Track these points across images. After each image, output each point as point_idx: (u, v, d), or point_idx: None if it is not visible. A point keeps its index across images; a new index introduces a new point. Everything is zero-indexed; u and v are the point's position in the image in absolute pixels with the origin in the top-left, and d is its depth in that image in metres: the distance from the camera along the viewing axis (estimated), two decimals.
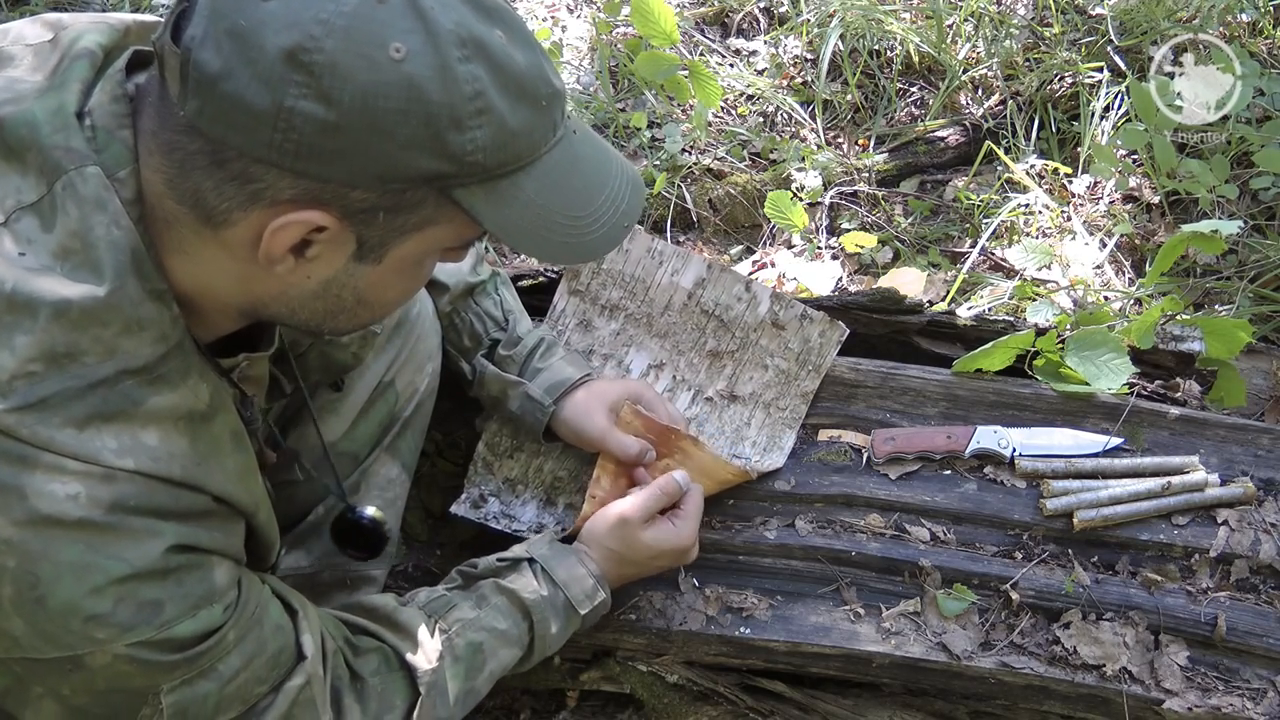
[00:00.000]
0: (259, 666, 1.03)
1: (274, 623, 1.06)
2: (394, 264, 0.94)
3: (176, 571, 0.93)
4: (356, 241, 0.90)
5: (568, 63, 2.70)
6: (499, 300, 1.53)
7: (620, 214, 0.97)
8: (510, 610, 1.27)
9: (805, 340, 1.62)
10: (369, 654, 1.18)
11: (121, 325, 0.89)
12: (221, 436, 0.98)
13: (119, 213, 0.88)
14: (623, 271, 1.66)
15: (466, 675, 1.22)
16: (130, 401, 0.89)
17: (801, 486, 1.55)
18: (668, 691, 1.52)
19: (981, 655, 1.42)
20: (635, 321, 1.65)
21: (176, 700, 0.97)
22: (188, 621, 0.94)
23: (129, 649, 0.91)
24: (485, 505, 1.54)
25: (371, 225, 0.88)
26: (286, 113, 0.81)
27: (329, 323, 0.99)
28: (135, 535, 0.90)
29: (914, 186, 2.47)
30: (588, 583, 1.32)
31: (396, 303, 1.03)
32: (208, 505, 0.96)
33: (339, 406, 1.40)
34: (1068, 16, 2.61)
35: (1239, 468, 1.56)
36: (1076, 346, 1.63)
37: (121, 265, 0.88)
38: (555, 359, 1.50)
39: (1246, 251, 2.14)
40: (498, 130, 0.86)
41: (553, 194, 0.92)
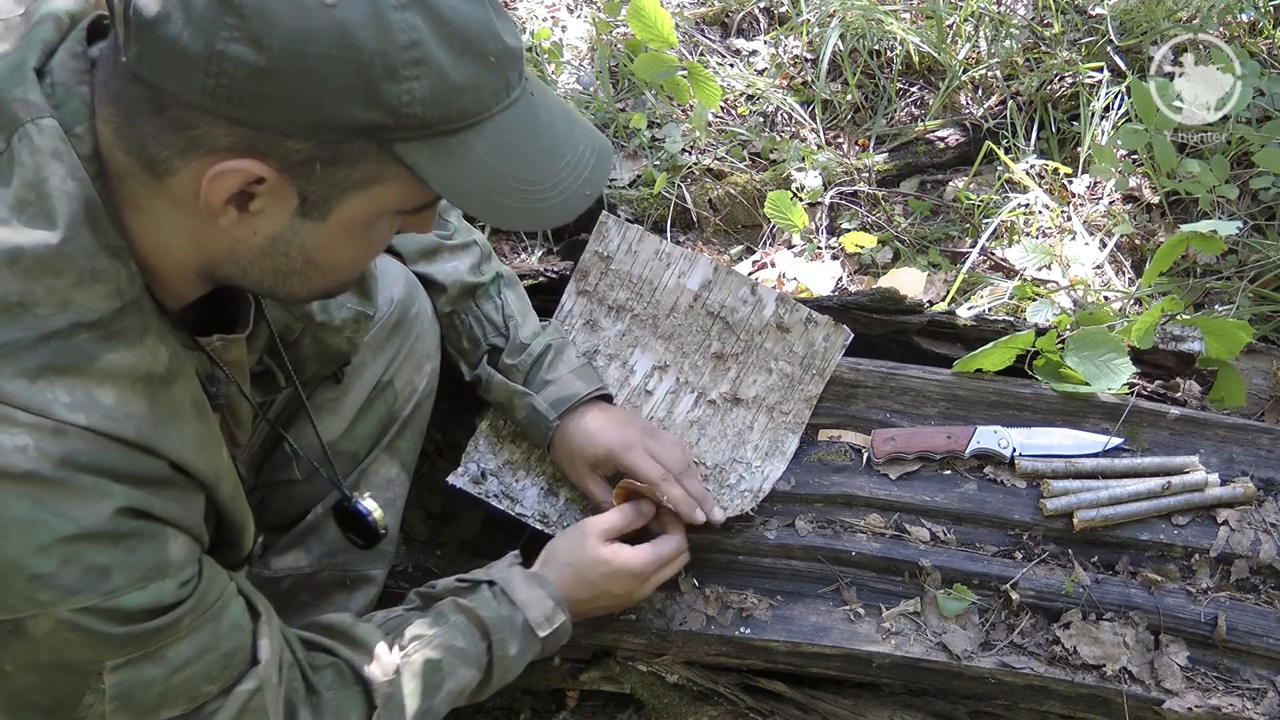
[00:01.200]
0: (210, 663, 1.00)
1: (233, 620, 1.04)
2: (341, 223, 0.91)
3: (127, 538, 0.90)
4: (299, 196, 0.88)
5: (568, 63, 2.70)
6: (500, 304, 1.52)
7: (582, 181, 0.94)
8: (468, 628, 1.26)
9: (810, 344, 1.62)
10: (324, 669, 1.17)
11: (75, 276, 0.88)
12: (182, 403, 0.96)
13: (75, 165, 0.88)
14: (630, 273, 1.66)
15: (424, 693, 1.20)
16: (84, 356, 0.88)
17: (801, 486, 1.55)
18: (668, 691, 1.52)
19: (981, 655, 1.42)
20: (641, 323, 1.65)
21: (120, 681, 0.94)
22: (136, 593, 0.91)
23: (73, 614, 0.88)
24: (485, 483, 1.54)
25: (311, 179, 0.86)
26: (218, 57, 0.80)
27: (283, 285, 0.97)
28: (84, 494, 0.87)
29: (914, 186, 2.47)
30: (547, 604, 1.30)
31: (349, 267, 1.00)
32: (164, 472, 0.94)
33: (337, 406, 1.40)
34: (1068, 16, 2.61)
35: (1239, 468, 1.56)
36: (1076, 346, 1.63)
37: (76, 215, 0.88)
38: (564, 371, 1.49)
39: (1246, 251, 2.14)
40: (437, 83, 0.84)
41: (506, 156, 0.89)
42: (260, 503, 1.41)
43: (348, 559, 1.42)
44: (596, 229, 1.68)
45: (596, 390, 1.49)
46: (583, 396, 1.47)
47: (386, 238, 0.99)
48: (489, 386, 1.50)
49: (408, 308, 1.44)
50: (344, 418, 1.41)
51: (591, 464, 1.46)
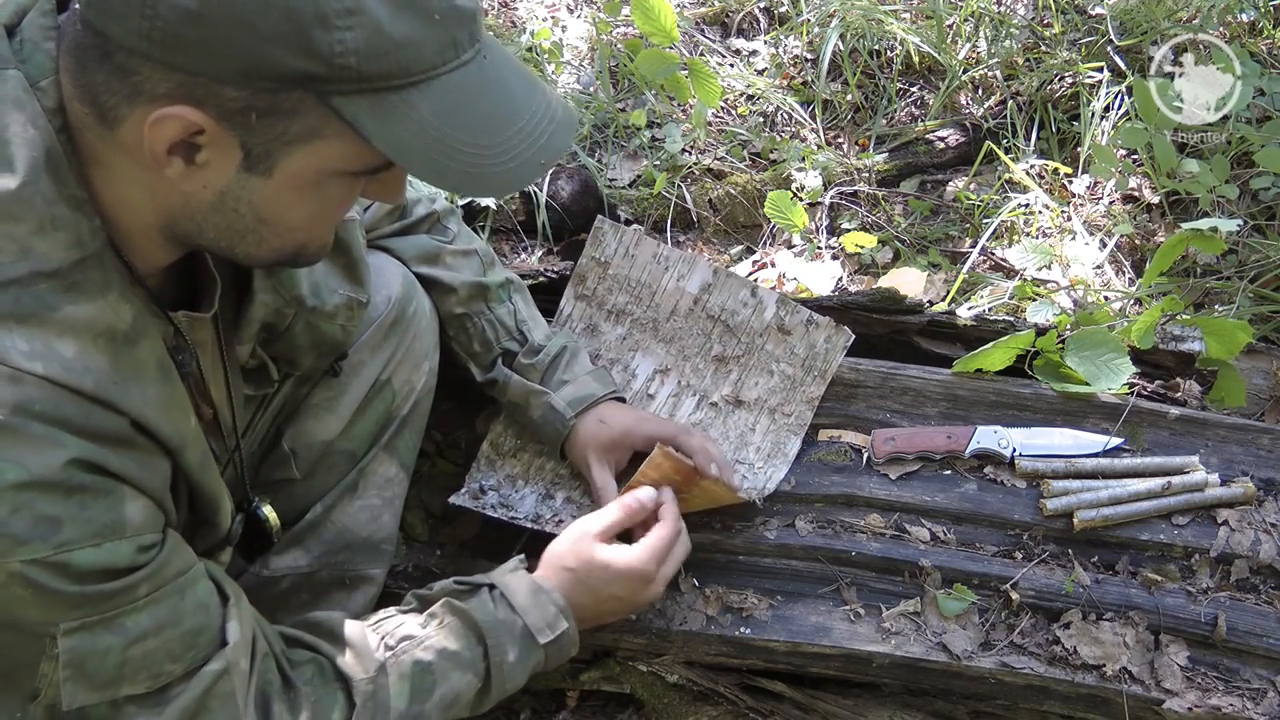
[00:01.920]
0: (172, 639, 0.98)
1: (198, 599, 1.02)
2: (287, 179, 0.90)
3: (80, 492, 0.89)
4: (241, 149, 0.88)
5: (568, 63, 2.71)
6: (513, 309, 1.53)
7: (538, 149, 0.91)
8: (463, 632, 1.22)
9: (811, 345, 1.62)
10: (304, 665, 1.14)
11: (35, 224, 0.88)
12: (146, 362, 0.95)
13: (37, 114, 0.88)
14: (628, 276, 1.66)
15: (413, 696, 1.16)
16: (44, 305, 0.88)
17: (801, 486, 1.55)
18: (668, 691, 1.52)
19: (981, 655, 1.42)
20: (641, 326, 1.66)
21: (74, 646, 0.92)
22: (89, 550, 0.90)
23: (23, 566, 0.87)
24: (484, 497, 1.55)
25: (250, 130, 0.86)
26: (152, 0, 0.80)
27: (240, 244, 0.96)
28: (35, 442, 0.86)
29: (914, 186, 2.47)
30: (549, 610, 1.26)
31: (304, 227, 0.98)
32: (123, 430, 0.92)
33: (335, 404, 1.40)
34: (1068, 16, 2.61)
35: (1239, 468, 1.56)
36: (1076, 346, 1.63)
37: (35, 162, 0.88)
38: (581, 372, 1.51)
39: (1246, 251, 2.14)
40: (373, 35, 0.82)
41: (454, 117, 0.87)
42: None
43: (347, 558, 1.41)
44: (592, 233, 1.68)
45: (612, 392, 1.51)
46: (600, 397, 1.49)
47: (344, 201, 0.98)
48: (505, 387, 1.51)
49: (405, 306, 1.44)
50: (342, 417, 1.40)
51: (607, 446, 1.46)
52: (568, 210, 2.29)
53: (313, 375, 1.37)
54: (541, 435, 1.53)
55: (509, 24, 2.87)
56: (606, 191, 2.35)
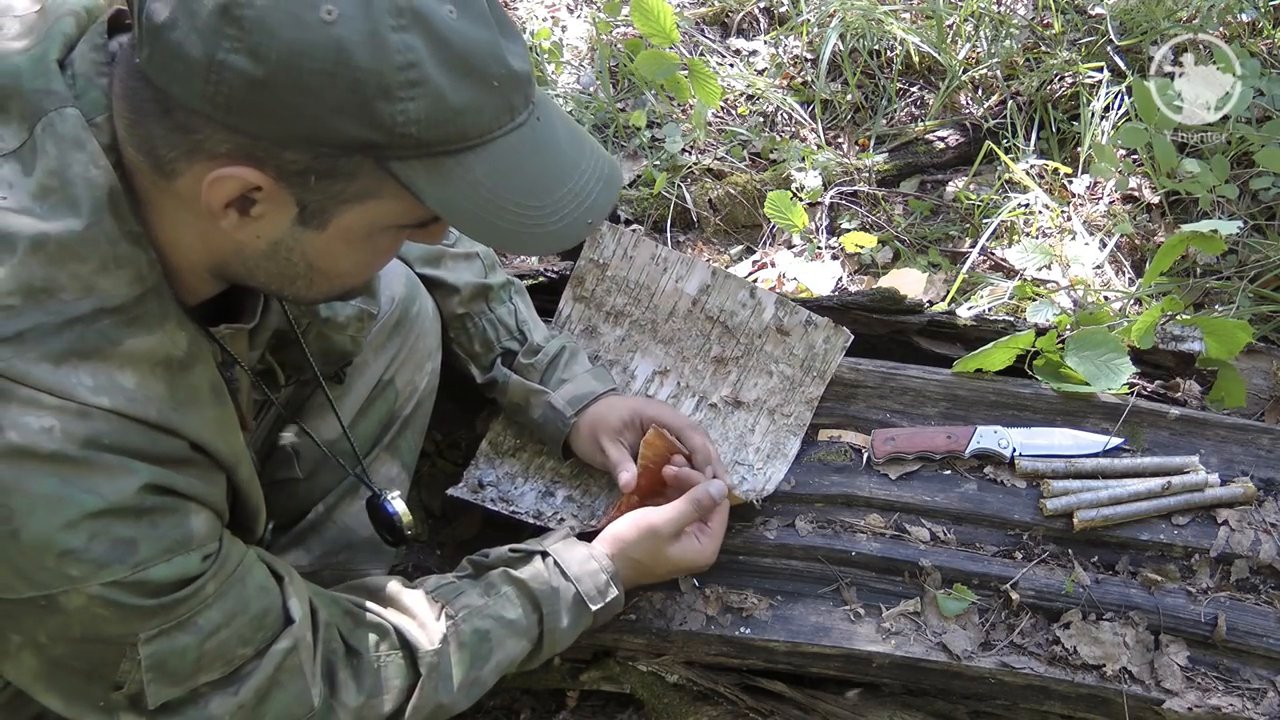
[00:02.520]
0: (241, 625, 1.03)
1: (258, 583, 1.06)
2: (340, 233, 0.93)
3: (151, 513, 0.93)
4: (297, 205, 0.89)
5: (568, 63, 2.71)
6: (513, 309, 1.55)
7: (585, 210, 0.94)
8: (520, 600, 1.27)
9: (810, 346, 1.62)
10: (368, 631, 1.18)
11: (99, 262, 0.90)
12: (200, 387, 0.98)
13: (97, 153, 0.90)
14: (627, 278, 1.67)
15: (472, 663, 1.22)
16: (107, 340, 0.90)
17: (801, 486, 1.55)
18: (668, 691, 1.52)
19: (981, 655, 1.42)
20: (640, 328, 1.66)
21: (154, 652, 0.96)
22: (163, 565, 0.94)
23: (103, 589, 0.91)
24: (483, 491, 1.55)
25: (308, 189, 0.88)
26: (218, 66, 0.81)
27: (289, 288, 0.99)
28: (109, 470, 0.90)
29: (914, 186, 2.47)
30: (601, 578, 1.32)
31: (353, 274, 1.02)
32: (185, 452, 0.96)
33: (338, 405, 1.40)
34: (1068, 16, 2.61)
35: (1239, 468, 1.56)
36: (1076, 346, 1.63)
37: (99, 202, 0.90)
38: (580, 370, 1.52)
39: (1246, 251, 2.14)
40: (434, 104, 0.84)
41: (506, 179, 0.89)
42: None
43: (349, 558, 1.42)
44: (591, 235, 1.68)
45: (611, 389, 1.53)
46: (599, 394, 1.51)
47: (392, 249, 1.01)
48: (505, 387, 1.52)
49: (409, 307, 1.45)
50: (345, 417, 1.40)
51: (616, 429, 1.48)
52: None
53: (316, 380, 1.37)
54: (543, 435, 1.53)
55: None
56: None
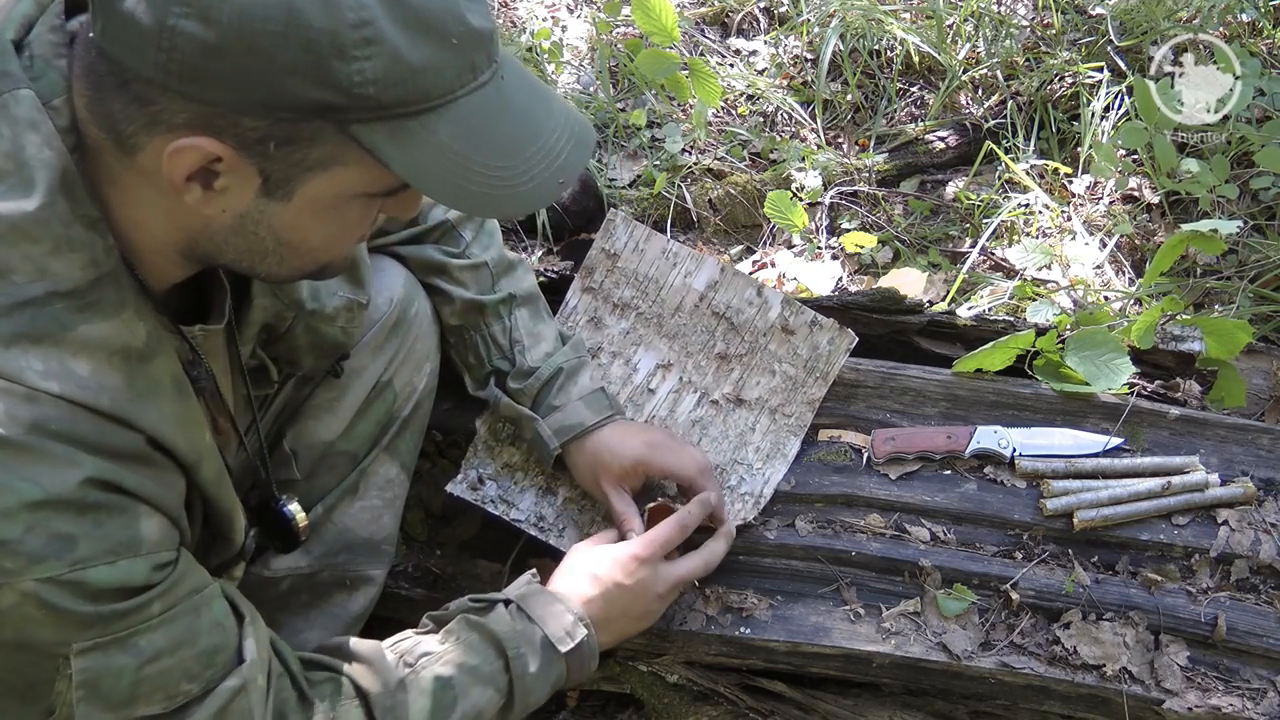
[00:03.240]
0: (187, 658, 0.98)
1: (213, 618, 1.01)
2: (307, 204, 0.91)
3: (95, 510, 0.89)
4: (260, 175, 0.88)
5: (568, 63, 2.71)
6: (508, 326, 1.49)
7: (556, 169, 0.91)
8: (482, 646, 1.21)
9: (814, 347, 1.62)
10: (321, 683, 1.13)
11: (51, 244, 0.88)
12: (161, 379, 0.96)
13: (51, 135, 0.89)
14: (636, 271, 1.66)
15: (433, 713, 1.15)
16: (59, 325, 0.88)
17: (801, 486, 1.55)
18: (668, 691, 1.52)
19: (981, 655, 1.42)
20: (646, 321, 1.65)
21: (88, 668, 0.92)
22: (104, 568, 0.90)
23: (37, 585, 0.87)
24: (483, 488, 1.54)
25: (269, 158, 0.86)
26: (169, 32, 0.80)
27: (260, 264, 0.97)
28: (52, 460, 0.87)
29: (914, 186, 2.47)
30: (566, 618, 1.25)
31: (325, 249, 0.98)
32: (139, 447, 0.93)
33: (337, 405, 1.40)
34: (1068, 16, 2.61)
35: (1239, 468, 1.56)
36: (1076, 346, 1.63)
37: (52, 184, 0.88)
38: (574, 397, 1.46)
39: (1246, 251, 2.14)
40: (391, 64, 0.83)
41: (472, 140, 0.87)
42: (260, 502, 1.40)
43: (348, 559, 1.42)
44: (604, 226, 1.68)
45: (604, 419, 1.46)
46: (589, 426, 1.44)
47: (363, 221, 0.98)
48: (497, 407, 1.50)
49: (407, 308, 1.44)
50: (343, 418, 1.40)
51: (619, 475, 1.43)
52: (568, 210, 2.29)
53: (314, 376, 1.37)
54: (535, 455, 1.52)
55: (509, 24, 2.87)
56: (606, 191, 2.35)
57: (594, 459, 1.44)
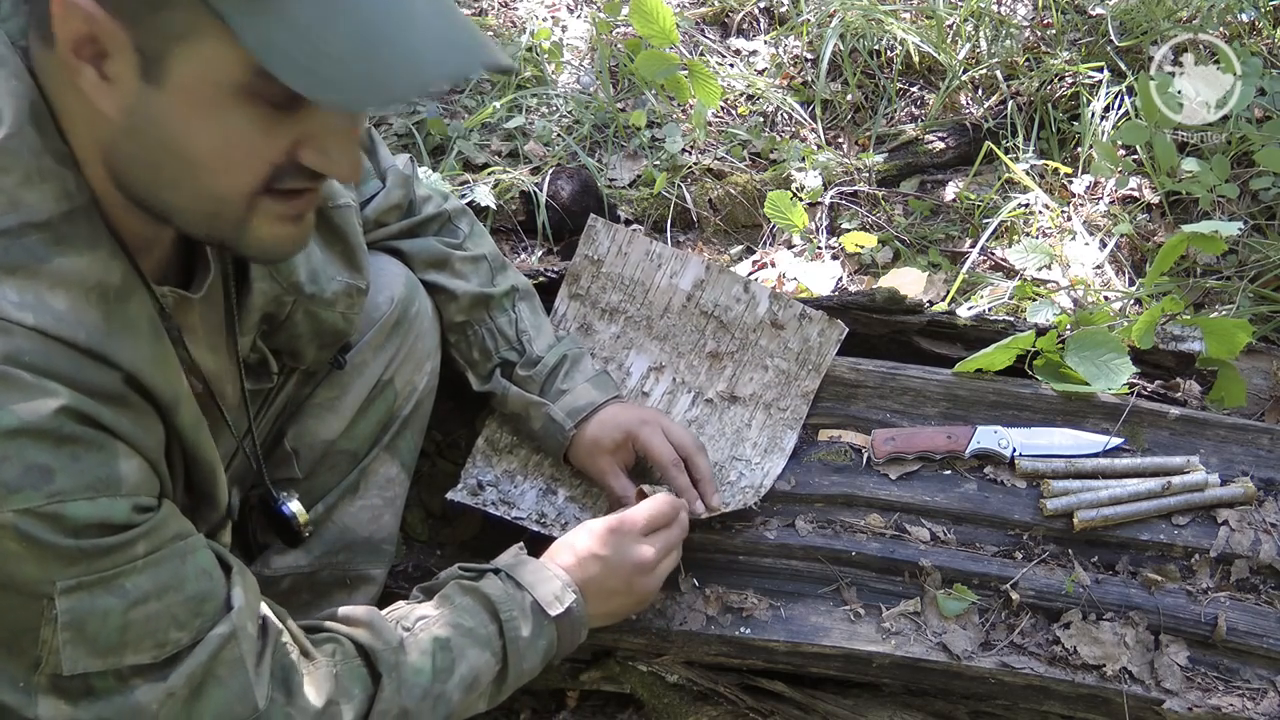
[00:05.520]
0: (175, 604, 0.96)
1: (200, 565, 0.99)
2: (180, 91, 0.85)
3: (72, 442, 0.87)
4: (135, 50, 0.84)
5: (568, 63, 2.71)
6: (514, 318, 1.52)
7: (429, 67, 0.84)
8: (476, 609, 1.21)
9: (805, 340, 1.62)
10: (324, 641, 1.12)
11: (22, 174, 0.87)
12: (139, 319, 0.94)
13: (20, 69, 0.88)
14: (621, 275, 1.67)
15: (434, 673, 1.14)
16: (34, 257, 0.87)
17: (801, 486, 1.55)
18: (668, 691, 1.52)
19: (981, 655, 1.42)
20: (635, 324, 1.66)
21: (73, 607, 0.89)
22: (84, 503, 0.88)
23: (15, 517, 0.85)
24: (483, 493, 1.54)
25: (138, 24, 0.83)
26: None
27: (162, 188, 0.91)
28: (25, 389, 0.85)
29: (914, 186, 2.48)
30: (554, 584, 1.26)
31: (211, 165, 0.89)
32: (116, 386, 0.91)
33: (337, 404, 1.40)
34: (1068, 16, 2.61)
35: (1239, 468, 1.56)
36: (1076, 346, 1.63)
37: (21, 113, 0.88)
38: (580, 381, 1.50)
39: (1246, 251, 2.14)
40: None
41: (333, 21, 0.81)
42: (261, 500, 1.41)
43: (348, 558, 1.42)
44: (585, 232, 1.69)
45: (613, 397, 1.51)
46: (598, 404, 1.49)
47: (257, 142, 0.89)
48: (504, 399, 1.51)
49: (408, 306, 1.45)
50: (344, 416, 1.40)
51: (611, 449, 1.47)
52: (568, 210, 2.29)
53: (318, 369, 1.37)
54: (544, 445, 1.53)
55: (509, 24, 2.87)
56: (606, 191, 2.35)
57: (592, 436, 1.47)
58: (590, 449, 1.48)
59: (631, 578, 1.32)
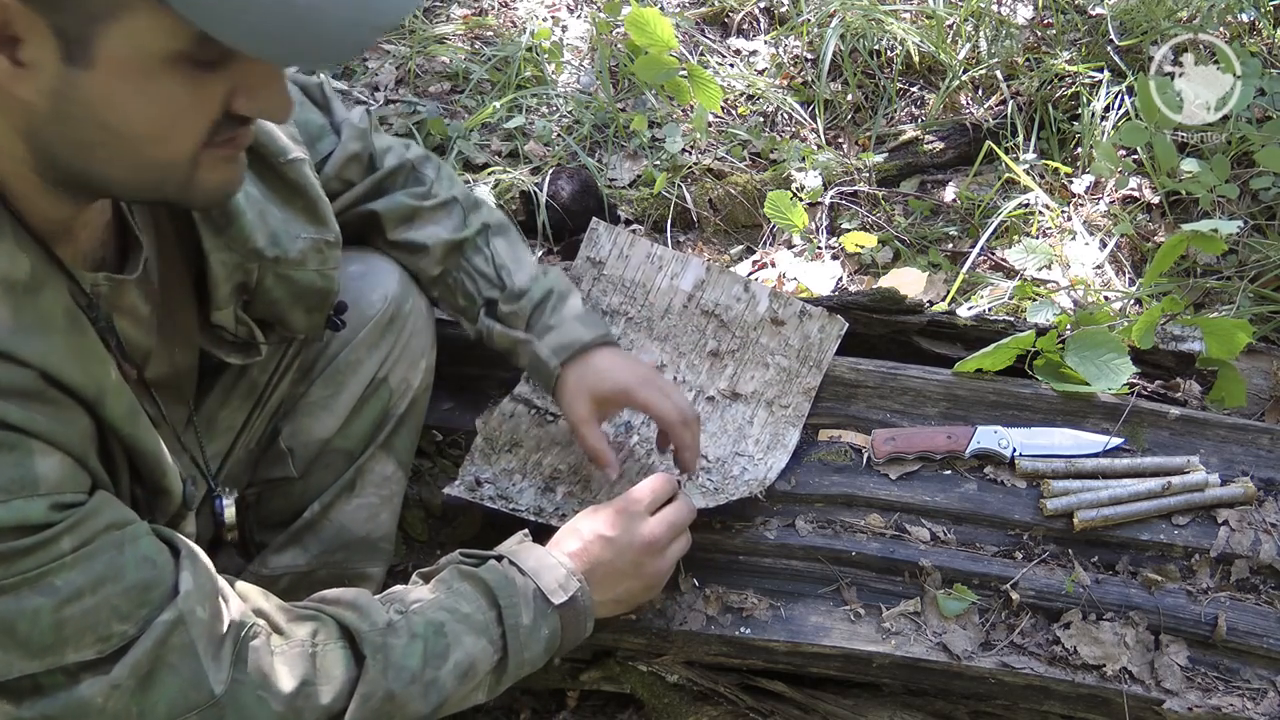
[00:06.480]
0: (114, 595, 0.92)
1: (140, 554, 0.96)
2: (111, 69, 0.82)
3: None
4: (54, 34, 0.80)
5: (568, 63, 2.71)
6: (490, 255, 1.46)
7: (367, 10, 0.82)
8: (474, 595, 1.16)
9: (805, 336, 1.62)
10: (303, 621, 1.07)
11: None
12: (52, 312, 0.91)
13: None
14: (623, 277, 1.67)
15: (427, 659, 1.10)
16: None
17: (801, 486, 1.54)
18: (668, 691, 1.52)
19: (981, 655, 1.42)
20: (636, 326, 1.66)
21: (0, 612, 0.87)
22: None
23: None
24: (480, 489, 1.53)
25: (55, 8, 0.79)
26: None
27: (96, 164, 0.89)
28: None
29: (914, 186, 2.47)
30: (559, 571, 1.22)
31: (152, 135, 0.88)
32: (30, 383, 0.88)
33: (332, 403, 1.39)
34: (1068, 16, 2.61)
35: (1239, 468, 1.56)
36: (1077, 346, 1.63)
37: None
38: (568, 315, 1.44)
39: (1246, 251, 2.14)
40: None
41: None
42: (257, 500, 1.40)
43: (345, 557, 1.41)
44: (587, 235, 1.69)
45: (600, 336, 1.44)
46: (586, 343, 1.42)
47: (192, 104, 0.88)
48: (490, 337, 1.46)
49: (401, 304, 1.44)
50: (339, 415, 1.40)
51: (600, 401, 1.41)
52: (568, 210, 2.29)
53: (316, 336, 1.33)
54: (534, 378, 1.47)
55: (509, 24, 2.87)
56: (606, 191, 2.35)
57: (583, 379, 1.41)
58: (576, 391, 1.41)
59: (641, 558, 1.29)
